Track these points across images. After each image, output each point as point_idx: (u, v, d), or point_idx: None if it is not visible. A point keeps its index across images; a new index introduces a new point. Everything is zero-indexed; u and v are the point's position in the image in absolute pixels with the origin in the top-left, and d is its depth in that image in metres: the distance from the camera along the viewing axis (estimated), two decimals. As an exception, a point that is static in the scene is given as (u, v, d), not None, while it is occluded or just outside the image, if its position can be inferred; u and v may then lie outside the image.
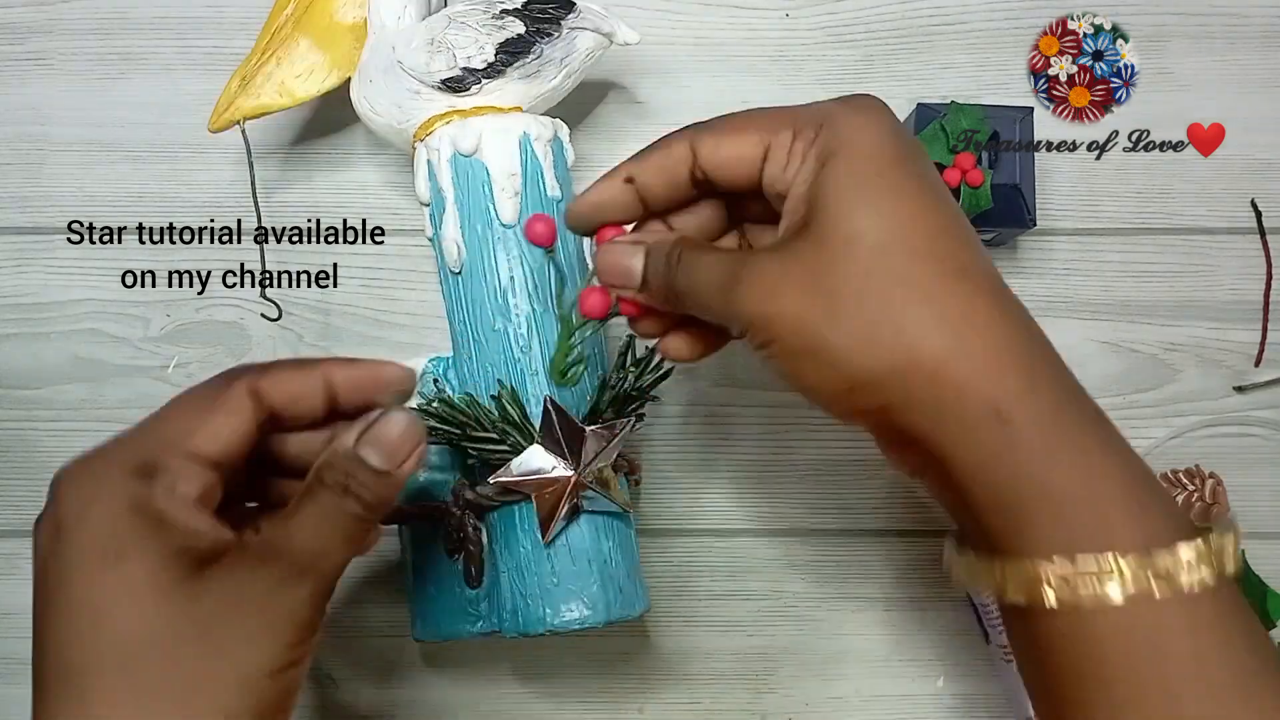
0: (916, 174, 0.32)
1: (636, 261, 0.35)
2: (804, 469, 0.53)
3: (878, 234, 0.30)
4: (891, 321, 0.29)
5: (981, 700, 0.52)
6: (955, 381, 0.29)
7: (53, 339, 0.53)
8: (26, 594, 0.52)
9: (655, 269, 0.34)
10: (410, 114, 0.45)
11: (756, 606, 0.53)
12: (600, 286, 0.37)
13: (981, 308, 0.30)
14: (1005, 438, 0.29)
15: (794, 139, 0.33)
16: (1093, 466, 0.30)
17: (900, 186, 0.31)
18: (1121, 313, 0.54)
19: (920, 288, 0.30)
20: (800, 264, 0.31)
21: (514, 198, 0.43)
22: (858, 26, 0.55)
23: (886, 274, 0.30)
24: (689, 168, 0.35)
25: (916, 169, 0.32)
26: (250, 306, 0.53)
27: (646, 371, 0.43)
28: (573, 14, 0.45)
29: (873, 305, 0.30)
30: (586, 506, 0.42)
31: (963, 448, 0.30)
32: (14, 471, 0.53)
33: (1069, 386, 0.31)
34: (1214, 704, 0.29)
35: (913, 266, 0.30)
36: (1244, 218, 0.54)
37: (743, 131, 0.34)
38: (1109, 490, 0.30)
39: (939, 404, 0.30)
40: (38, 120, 0.54)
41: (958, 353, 0.29)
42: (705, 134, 0.34)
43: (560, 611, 0.41)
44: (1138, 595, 0.28)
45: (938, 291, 0.30)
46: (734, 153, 0.34)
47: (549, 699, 0.53)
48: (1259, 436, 0.53)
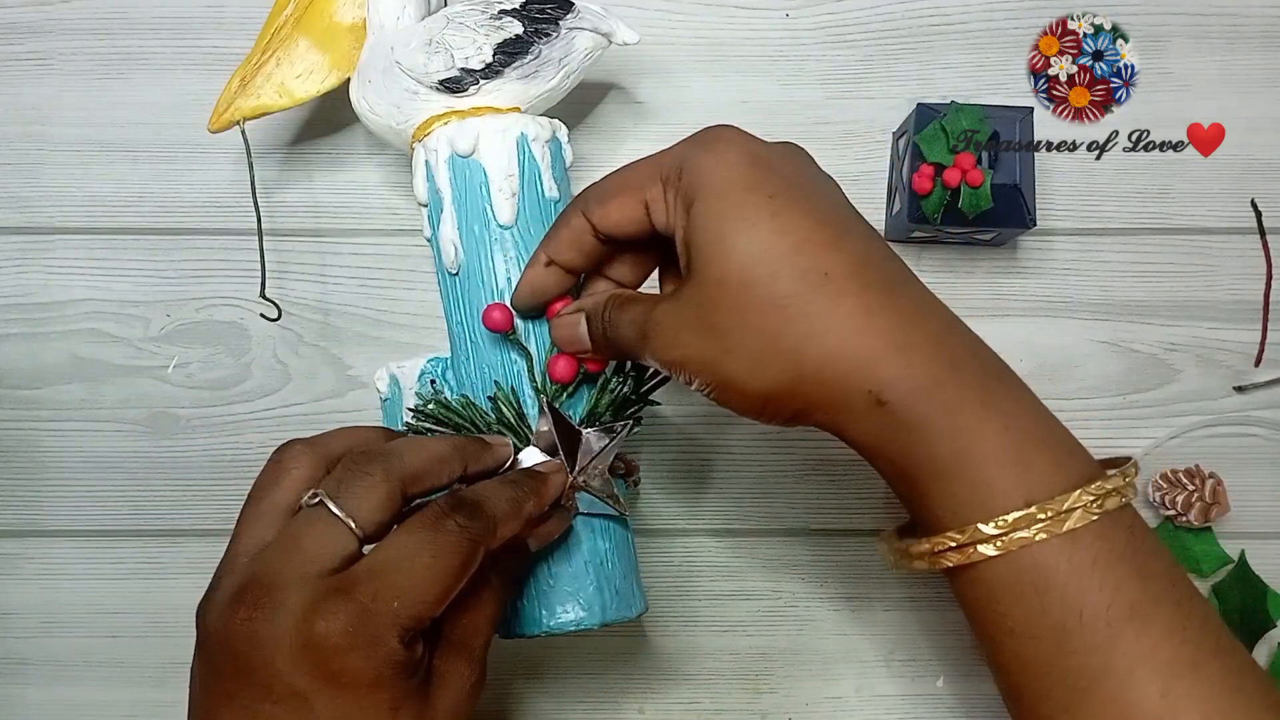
0: (767, 197, 0.34)
1: (581, 329, 0.39)
2: (804, 469, 0.53)
3: (741, 270, 0.33)
4: (773, 345, 0.33)
5: (981, 700, 0.52)
6: (835, 379, 0.33)
7: (53, 339, 0.53)
8: (26, 594, 0.53)
9: (596, 331, 0.39)
10: (409, 114, 0.45)
11: (756, 606, 0.53)
12: (564, 354, 0.41)
13: (848, 309, 0.33)
14: (886, 419, 0.33)
15: (664, 189, 0.36)
16: (971, 433, 0.33)
17: (754, 217, 0.34)
18: (1121, 313, 0.54)
19: (790, 305, 0.33)
20: (689, 310, 0.34)
21: (512, 198, 0.43)
22: (858, 26, 0.55)
23: (758, 303, 0.33)
24: (591, 235, 0.38)
25: (768, 190, 0.34)
26: (250, 306, 0.53)
27: (645, 376, 0.43)
28: (571, 14, 0.45)
29: (754, 336, 0.33)
30: (583, 508, 0.42)
31: (859, 434, 0.34)
32: (14, 471, 0.53)
33: (954, 360, 0.34)
34: (1102, 636, 0.31)
35: (779, 287, 0.33)
36: (1244, 218, 0.54)
37: (620, 194, 0.37)
38: (988, 454, 0.33)
39: (830, 402, 0.33)
40: (38, 120, 0.54)
41: (833, 357, 0.33)
42: (592, 203, 0.38)
43: (556, 613, 0.41)
44: (1016, 548, 0.32)
45: (806, 305, 0.33)
46: (620, 216, 0.37)
47: (549, 699, 0.53)
48: (1259, 436, 0.53)
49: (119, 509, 0.53)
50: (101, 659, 0.52)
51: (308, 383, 0.53)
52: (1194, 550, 0.51)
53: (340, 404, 0.53)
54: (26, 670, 0.53)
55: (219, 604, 0.33)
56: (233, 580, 0.33)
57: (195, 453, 0.53)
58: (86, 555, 0.53)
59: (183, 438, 0.53)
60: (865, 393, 0.33)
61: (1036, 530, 0.32)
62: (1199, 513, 0.50)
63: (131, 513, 0.53)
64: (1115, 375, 0.53)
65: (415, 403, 0.44)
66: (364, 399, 0.53)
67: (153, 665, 0.52)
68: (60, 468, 0.53)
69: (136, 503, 0.53)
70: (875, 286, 0.33)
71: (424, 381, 0.45)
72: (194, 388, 0.53)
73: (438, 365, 0.45)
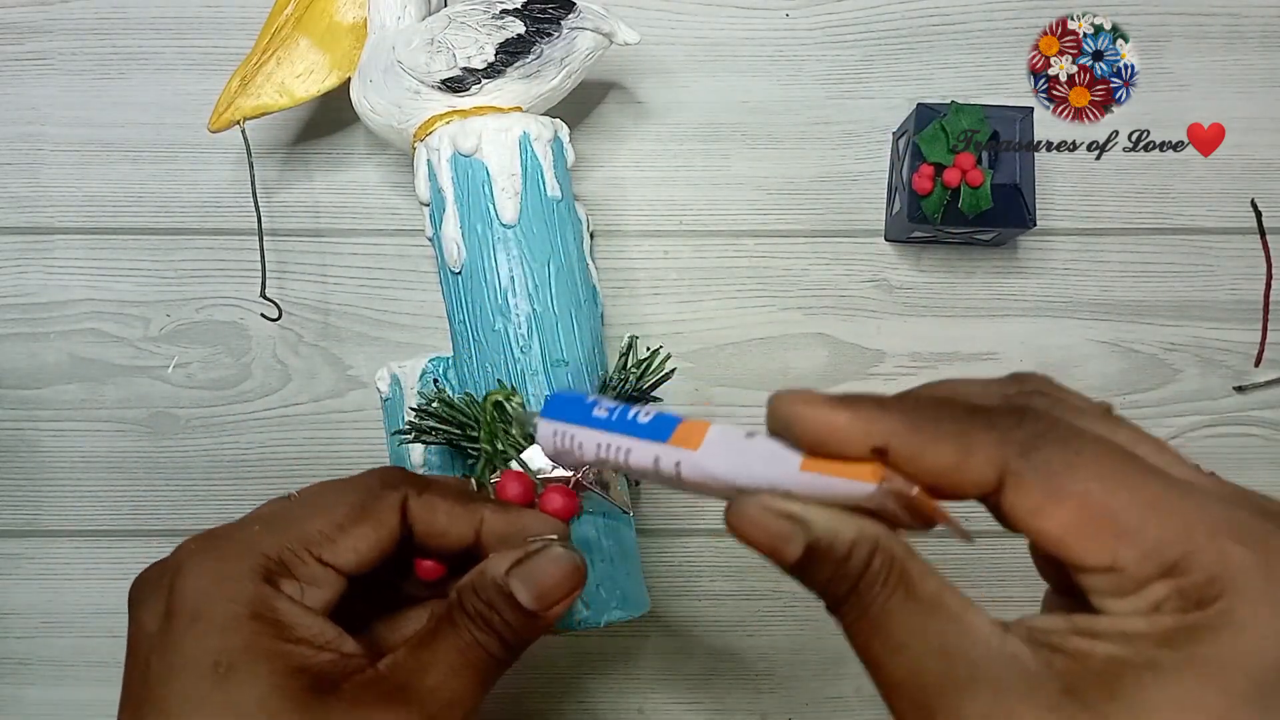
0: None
1: (793, 546, 0.24)
2: (804, 469, 0.53)
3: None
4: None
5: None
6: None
7: (53, 339, 0.53)
8: (26, 594, 0.53)
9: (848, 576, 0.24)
10: (410, 114, 0.45)
11: (756, 606, 0.53)
12: (559, 487, 0.37)
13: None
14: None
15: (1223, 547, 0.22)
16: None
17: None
18: (1121, 313, 0.54)
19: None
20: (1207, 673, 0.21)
21: (514, 197, 0.43)
22: (858, 26, 0.55)
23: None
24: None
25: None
26: (250, 306, 0.53)
27: (648, 372, 0.43)
28: (573, 14, 0.45)
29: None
30: (586, 507, 0.42)
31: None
32: (14, 471, 0.53)
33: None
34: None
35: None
36: (1244, 218, 0.54)
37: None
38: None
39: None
40: (38, 120, 0.54)
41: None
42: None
43: (560, 612, 0.41)
44: None
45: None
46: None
47: (549, 699, 0.53)
48: (1259, 436, 0.53)
49: (119, 509, 0.53)
50: (101, 659, 0.52)
51: (308, 383, 0.53)
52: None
53: (340, 404, 0.53)
54: (26, 670, 0.53)
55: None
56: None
57: (195, 453, 0.53)
58: (86, 555, 0.53)
59: (183, 438, 0.53)
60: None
61: None
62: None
63: (131, 513, 0.53)
64: (1115, 375, 0.53)
65: (418, 402, 0.44)
66: (364, 399, 0.53)
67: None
68: (60, 468, 0.53)
69: (136, 503, 0.53)
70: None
71: (425, 381, 0.45)
72: (194, 388, 0.53)
73: (439, 365, 0.45)
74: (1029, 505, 0.22)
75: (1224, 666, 0.20)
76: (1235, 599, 0.21)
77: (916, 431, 0.23)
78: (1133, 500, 0.22)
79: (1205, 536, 0.21)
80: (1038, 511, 0.22)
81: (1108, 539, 0.22)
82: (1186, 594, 0.21)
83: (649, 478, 0.26)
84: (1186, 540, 0.21)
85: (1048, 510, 0.22)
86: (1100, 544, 0.22)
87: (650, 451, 0.25)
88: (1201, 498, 0.22)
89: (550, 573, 0.30)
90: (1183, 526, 0.21)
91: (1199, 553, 0.21)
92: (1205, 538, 0.21)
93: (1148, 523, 0.22)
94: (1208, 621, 0.21)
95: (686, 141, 0.54)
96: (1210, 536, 0.21)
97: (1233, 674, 0.20)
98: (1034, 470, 0.22)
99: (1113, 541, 0.22)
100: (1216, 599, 0.21)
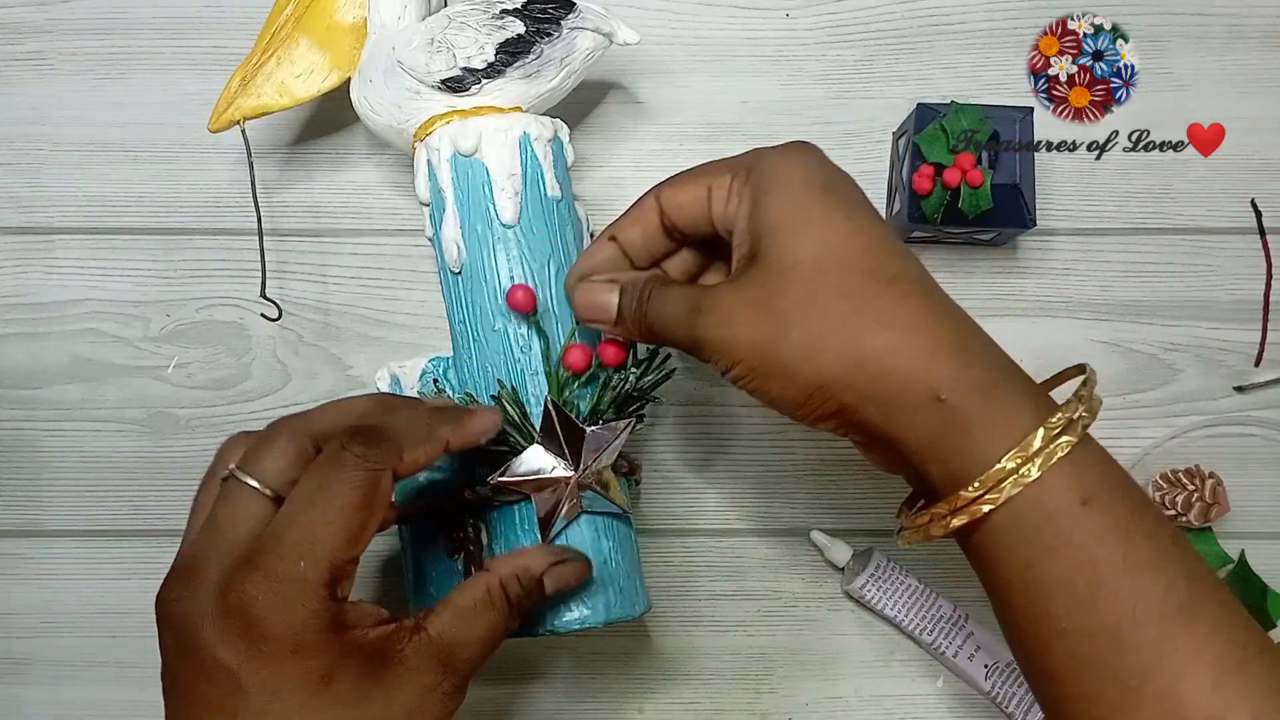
0: (844, 200, 0.36)
1: (611, 297, 0.39)
2: (804, 469, 0.53)
3: (815, 256, 0.34)
4: (836, 331, 0.33)
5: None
6: (896, 374, 0.33)
7: (53, 339, 0.53)
8: (26, 594, 0.53)
9: (628, 304, 0.39)
10: (410, 114, 0.45)
11: (756, 606, 0.53)
12: (580, 344, 0.42)
13: (913, 308, 0.34)
14: (944, 417, 0.33)
15: (731, 179, 0.38)
16: (1024, 425, 0.33)
17: (830, 212, 0.35)
18: (1121, 313, 0.54)
19: (858, 298, 0.34)
20: (751, 291, 0.35)
21: (514, 197, 0.43)
22: (858, 26, 0.55)
23: (827, 290, 0.34)
24: (657, 216, 0.39)
25: (843, 196, 0.36)
26: (250, 306, 0.53)
27: (648, 373, 0.43)
28: (573, 14, 0.45)
29: (818, 319, 0.34)
30: (586, 507, 0.42)
31: (911, 431, 0.34)
32: (14, 471, 0.53)
33: (1006, 368, 0.35)
34: (1154, 632, 0.31)
35: (849, 280, 0.34)
36: (1244, 218, 0.54)
37: (691, 180, 0.39)
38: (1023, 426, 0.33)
39: (886, 397, 0.33)
40: (38, 120, 0.54)
41: (897, 349, 0.33)
42: (665, 186, 0.39)
43: (559, 612, 0.41)
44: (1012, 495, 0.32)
45: (873, 299, 0.34)
46: (686, 197, 0.38)
47: (549, 699, 0.53)
48: (1259, 436, 0.53)
49: (119, 509, 0.53)
50: (101, 659, 0.52)
51: (308, 383, 0.53)
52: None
53: (340, 404, 0.53)
54: (26, 670, 0.53)
55: (161, 591, 0.34)
56: (172, 567, 0.35)
57: (195, 453, 0.53)
58: (86, 555, 0.53)
59: (183, 438, 0.53)
60: (925, 388, 0.33)
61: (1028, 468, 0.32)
62: (1199, 513, 0.50)
63: (131, 513, 0.53)
64: (1115, 375, 0.53)
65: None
66: (364, 399, 0.53)
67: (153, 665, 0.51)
68: (60, 468, 0.53)
69: (136, 503, 0.53)
70: (936, 295, 0.35)
71: (425, 381, 0.45)
72: (194, 388, 0.53)
73: (439, 365, 0.45)
74: (735, 210, 0.37)
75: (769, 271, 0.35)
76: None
77: (672, 183, 0.39)
78: (775, 209, 0.36)
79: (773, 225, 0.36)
80: (735, 213, 0.37)
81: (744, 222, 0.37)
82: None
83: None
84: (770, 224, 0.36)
85: (741, 211, 0.37)
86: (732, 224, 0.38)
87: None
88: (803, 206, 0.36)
89: (572, 574, 0.39)
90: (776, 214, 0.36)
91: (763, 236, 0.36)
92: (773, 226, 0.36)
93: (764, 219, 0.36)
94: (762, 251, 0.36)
95: (686, 142, 0.54)
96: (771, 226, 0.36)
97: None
98: (746, 187, 0.37)
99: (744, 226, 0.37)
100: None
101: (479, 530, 0.44)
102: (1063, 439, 0.32)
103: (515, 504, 0.42)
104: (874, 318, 0.33)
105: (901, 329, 0.33)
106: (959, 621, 0.51)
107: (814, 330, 0.34)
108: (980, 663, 0.51)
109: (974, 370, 0.33)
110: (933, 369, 0.33)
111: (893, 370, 0.33)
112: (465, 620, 0.36)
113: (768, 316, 0.34)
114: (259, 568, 0.32)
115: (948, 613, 0.51)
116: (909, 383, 0.33)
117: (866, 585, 0.51)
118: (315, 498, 0.33)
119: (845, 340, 0.33)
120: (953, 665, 0.51)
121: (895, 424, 0.34)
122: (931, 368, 0.33)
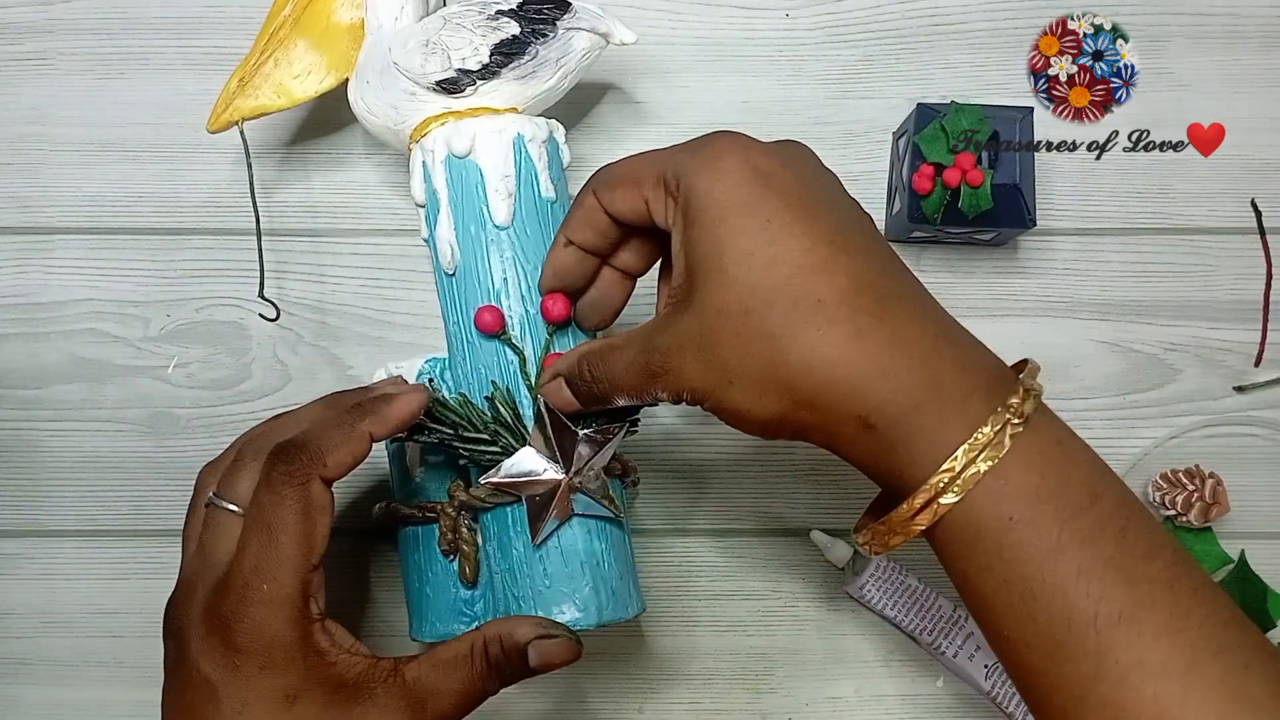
0: (765, 221, 0.35)
1: (566, 392, 0.40)
2: (804, 469, 0.53)
3: (739, 301, 0.34)
4: (771, 376, 0.34)
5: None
6: (829, 409, 0.34)
7: (53, 339, 0.53)
8: (26, 594, 0.53)
9: (580, 390, 0.40)
10: (406, 115, 0.45)
11: (756, 606, 0.53)
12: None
13: (836, 338, 0.34)
14: (875, 441, 0.34)
15: (665, 192, 0.37)
16: (950, 441, 0.33)
17: (750, 245, 0.34)
18: (1121, 313, 0.54)
19: (785, 337, 0.34)
20: (690, 340, 0.35)
21: (508, 199, 0.43)
22: (858, 26, 0.55)
23: (754, 334, 0.34)
24: (604, 214, 0.39)
25: (765, 214, 0.35)
26: (250, 306, 0.53)
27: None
28: (568, 14, 0.45)
29: (753, 366, 0.34)
30: (577, 510, 0.42)
31: (854, 453, 0.35)
32: (14, 471, 0.53)
33: (937, 381, 0.34)
34: (1092, 644, 0.32)
35: (773, 318, 0.34)
36: (1244, 218, 0.54)
37: (624, 185, 0.38)
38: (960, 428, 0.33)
39: (826, 427, 0.35)
40: (38, 120, 0.54)
41: (823, 384, 0.34)
42: (601, 188, 0.39)
43: (552, 614, 0.41)
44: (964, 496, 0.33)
45: (800, 334, 0.34)
46: (624, 205, 0.38)
47: (549, 699, 0.53)
48: (1259, 436, 0.53)
49: (119, 509, 0.53)
50: (101, 659, 0.53)
51: (308, 383, 0.53)
52: (1194, 550, 0.51)
53: (340, 404, 0.53)
54: (26, 670, 0.53)
55: (166, 608, 0.38)
56: (174, 588, 0.39)
57: (195, 453, 0.53)
58: (86, 555, 0.53)
59: (183, 438, 0.53)
60: (855, 417, 0.34)
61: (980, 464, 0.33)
62: (1199, 513, 0.50)
63: (131, 513, 0.53)
64: (1115, 375, 0.53)
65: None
66: (363, 399, 0.53)
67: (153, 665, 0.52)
68: (60, 468, 0.53)
69: (136, 503, 0.53)
70: (866, 310, 0.34)
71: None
72: (194, 388, 0.53)
73: (436, 365, 0.45)
74: (671, 226, 0.37)
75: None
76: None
77: (608, 186, 0.39)
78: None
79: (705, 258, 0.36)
80: (672, 230, 0.37)
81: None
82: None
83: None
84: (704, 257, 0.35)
85: (675, 234, 0.37)
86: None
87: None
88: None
89: (557, 652, 0.39)
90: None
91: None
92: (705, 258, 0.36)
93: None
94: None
95: (686, 142, 0.54)
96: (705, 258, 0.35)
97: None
98: (677, 210, 0.36)
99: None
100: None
101: (473, 531, 0.44)
102: (985, 453, 0.33)
103: (509, 506, 0.42)
104: (799, 357, 0.34)
105: (826, 365, 0.33)
106: (959, 621, 0.51)
107: (753, 376, 0.34)
108: (980, 663, 0.51)
109: (899, 394, 0.33)
110: (859, 399, 0.33)
111: (824, 406, 0.34)
112: (442, 671, 0.37)
113: (712, 367, 0.35)
114: (230, 590, 0.35)
115: (948, 613, 0.51)
116: (841, 415, 0.34)
117: (866, 585, 0.51)
118: (258, 522, 0.36)
119: (779, 383, 0.34)
120: (953, 665, 0.51)
121: (840, 448, 0.35)
122: (858, 398, 0.33)
